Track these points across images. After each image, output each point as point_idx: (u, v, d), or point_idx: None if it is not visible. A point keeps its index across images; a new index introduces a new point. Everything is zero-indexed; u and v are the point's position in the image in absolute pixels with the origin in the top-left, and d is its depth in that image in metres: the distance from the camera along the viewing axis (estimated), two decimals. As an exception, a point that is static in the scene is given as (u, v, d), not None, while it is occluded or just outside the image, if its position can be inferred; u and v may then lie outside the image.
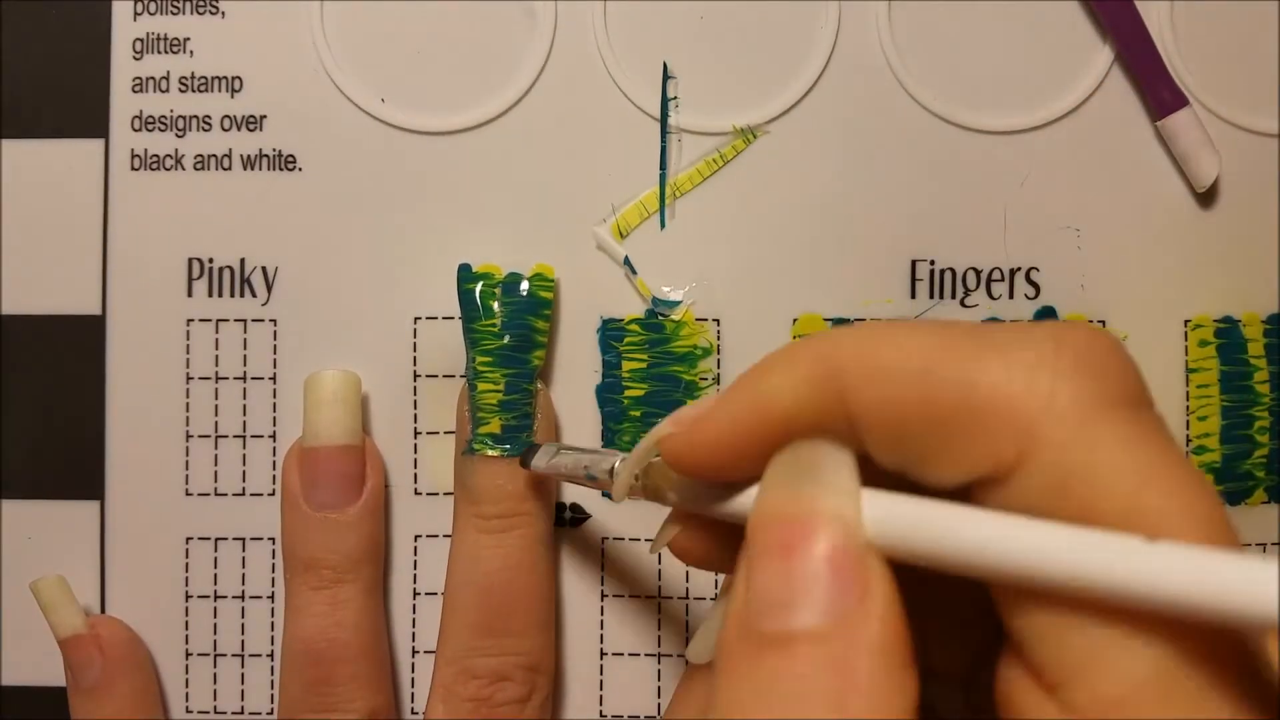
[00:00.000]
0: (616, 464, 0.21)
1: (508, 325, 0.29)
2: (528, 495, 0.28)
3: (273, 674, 0.30)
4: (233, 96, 0.31)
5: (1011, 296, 0.30)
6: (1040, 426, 0.13)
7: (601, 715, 0.30)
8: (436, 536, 0.30)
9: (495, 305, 0.29)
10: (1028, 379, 0.14)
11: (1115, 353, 0.14)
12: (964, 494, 0.15)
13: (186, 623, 0.31)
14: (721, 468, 0.17)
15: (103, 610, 0.31)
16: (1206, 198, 0.30)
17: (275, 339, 0.31)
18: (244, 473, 0.31)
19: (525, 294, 0.29)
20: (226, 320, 0.31)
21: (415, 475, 0.30)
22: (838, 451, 0.15)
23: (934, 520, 0.14)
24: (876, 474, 0.15)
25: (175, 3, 0.31)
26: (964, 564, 0.14)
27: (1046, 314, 0.30)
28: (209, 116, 0.31)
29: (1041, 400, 0.14)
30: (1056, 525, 0.13)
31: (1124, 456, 0.13)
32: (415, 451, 0.30)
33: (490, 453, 0.28)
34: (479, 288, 0.29)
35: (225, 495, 0.31)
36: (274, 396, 0.31)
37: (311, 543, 0.28)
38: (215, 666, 0.31)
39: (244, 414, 0.31)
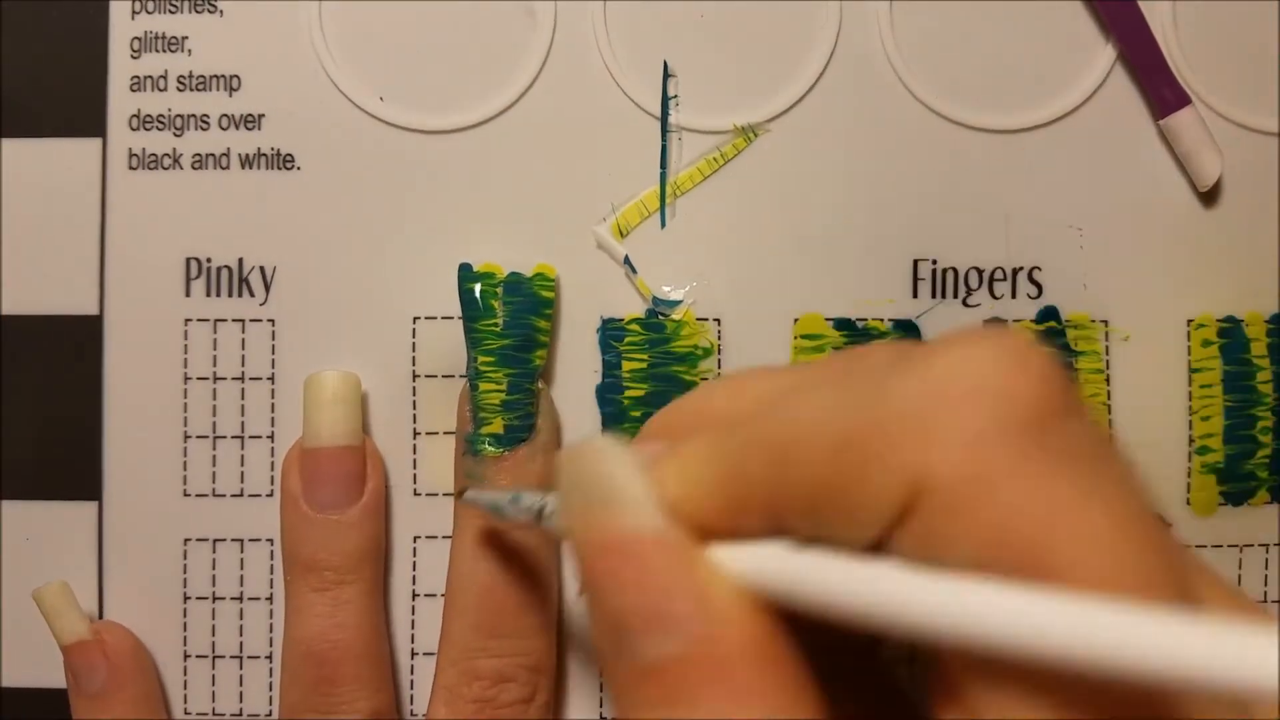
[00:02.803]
0: (545, 504, 0.21)
1: (510, 325, 0.29)
2: None
3: (271, 675, 0.30)
4: (231, 95, 0.31)
5: (1014, 296, 0.30)
6: (928, 467, 0.12)
7: (602, 717, 0.30)
8: (436, 537, 0.30)
9: (497, 305, 0.29)
10: (915, 418, 0.12)
11: (1017, 369, 0.13)
12: (881, 549, 0.14)
13: (184, 624, 0.31)
14: None
15: (100, 612, 0.31)
16: (1209, 197, 0.30)
17: (273, 339, 0.30)
18: (242, 473, 0.30)
19: (527, 293, 0.29)
20: (224, 320, 0.31)
21: (414, 476, 0.30)
22: (617, 457, 0.14)
23: (809, 573, 0.13)
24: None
25: (173, 1, 0.31)
26: (825, 610, 0.13)
27: (1049, 314, 0.30)
28: (207, 115, 0.31)
29: (929, 438, 0.12)
30: (927, 579, 0.12)
31: (1022, 493, 0.12)
32: (414, 452, 0.30)
33: (492, 453, 0.28)
34: (480, 287, 0.29)
35: (223, 496, 0.30)
36: (272, 397, 0.30)
37: (312, 544, 0.28)
38: (214, 668, 0.30)
39: (242, 414, 0.30)
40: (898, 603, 0.12)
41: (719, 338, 0.30)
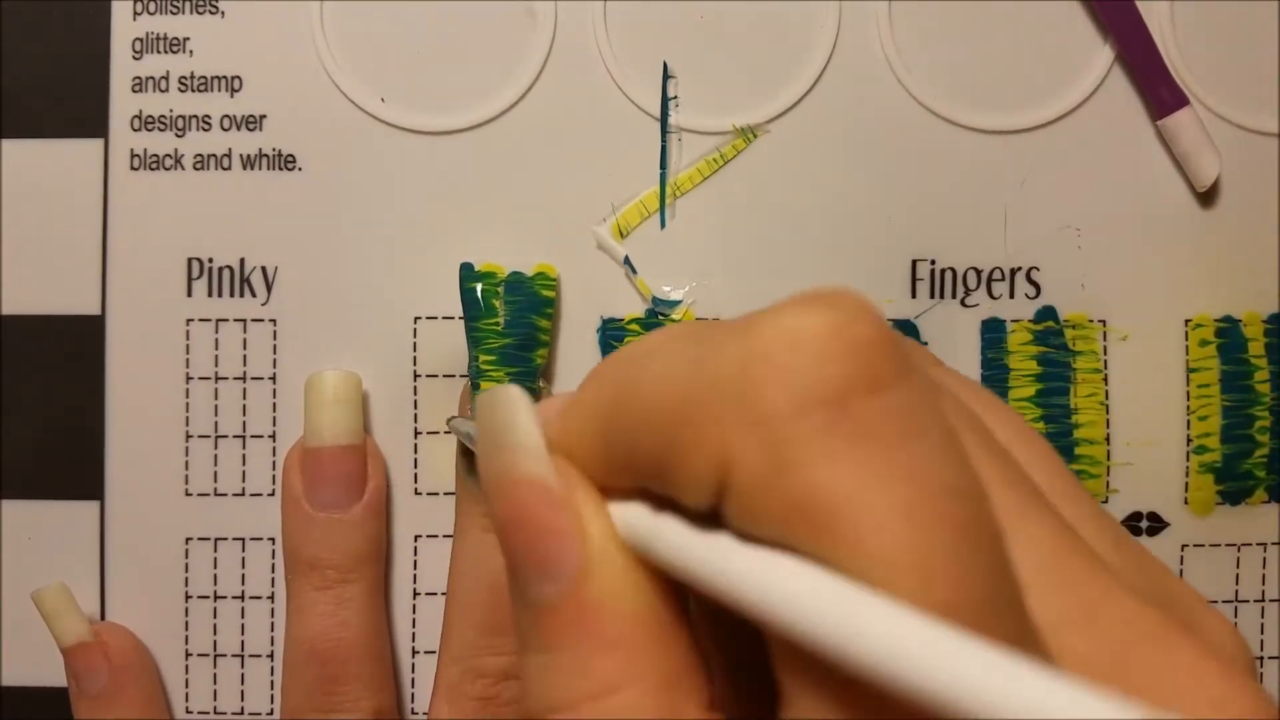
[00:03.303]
0: None
1: (511, 324, 0.29)
2: None
3: (273, 674, 0.30)
4: (232, 96, 0.31)
5: (1012, 296, 0.30)
6: (732, 445, 0.12)
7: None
8: (437, 536, 0.30)
9: (498, 304, 0.29)
10: (727, 393, 0.12)
11: (829, 345, 0.12)
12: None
13: (186, 623, 0.31)
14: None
15: (103, 611, 0.31)
16: (1207, 197, 0.30)
17: (275, 339, 0.31)
18: (244, 473, 0.30)
19: (528, 292, 0.29)
20: (226, 320, 0.31)
21: (415, 475, 0.30)
22: (517, 404, 0.15)
23: (657, 532, 0.14)
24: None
25: (175, 2, 0.31)
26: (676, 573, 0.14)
27: (1047, 314, 0.30)
28: (209, 116, 0.31)
29: (735, 415, 0.12)
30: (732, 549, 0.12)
31: (813, 474, 0.12)
32: (415, 451, 0.30)
33: None
34: (481, 287, 0.29)
35: (225, 495, 0.31)
36: (274, 396, 0.30)
37: (314, 543, 0.28)
38: (215, 667, 0.31)
39: (244, 414, 0.30)
40: (711, 571, 0.12)
41: (719, 337, 0.30)
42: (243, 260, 0.31)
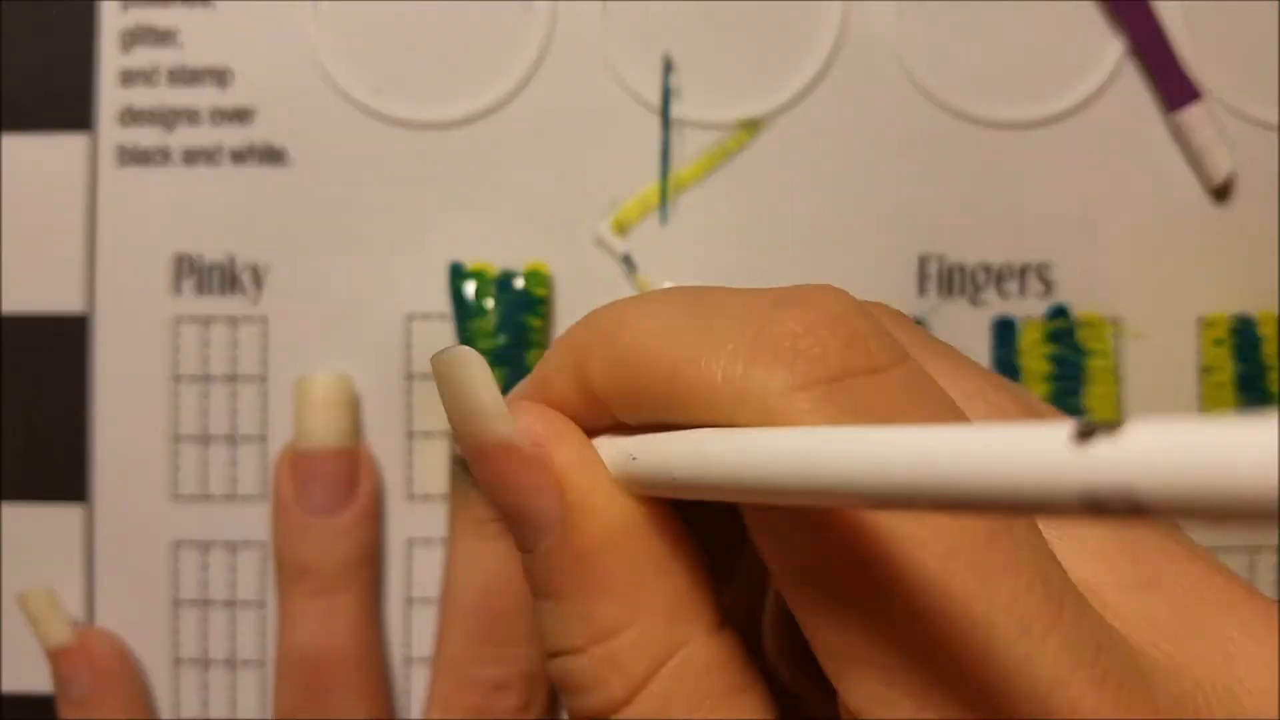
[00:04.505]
0: None
1: (502, 324, 0.28)
2: None
3: (264, 681, 0.30)
4: (222, 89, 0.30)
5: (1023, 293, 0.30)
6: (730, 415, 0.14)
7: (601, 724, 0.30)
8: (431, 541, 0.30)
9: (489, 304, 0.29)
10: (724, 368, 0.14)
11: (815, 330, 0.14)
12: None
13: (175, 629, 0.30)
14: None
15: (90, 616, 0.30)
16: (1220, 193, 0.30)
17: (265, 338, 0.30)
18: (234, 475, 0.30)
19: (519, 291, 0.29)
20: (215, 319, 0.30)
21: (409, 478, 0.30)
22: (471, 366, 0.15)
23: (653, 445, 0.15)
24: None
25: (163, -7, 0.30)
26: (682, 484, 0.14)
27: (1058, 312, 0.29)
28: (197, 109, 0.30)
29: (733, 388, 0.14)
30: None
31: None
32: (410, 454, 0.30)
33: None
34: (472, 286, 0.29)
35: (214, 498, 0.30)
36: (264, 397, 0.30)
37: (305, 548, 0.28)
38: (205, 673, 0.30)
39: (233, 415, 0.30)
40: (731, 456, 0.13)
41: (721, 336, 0.30)
42: (232, 257, 0.30)
